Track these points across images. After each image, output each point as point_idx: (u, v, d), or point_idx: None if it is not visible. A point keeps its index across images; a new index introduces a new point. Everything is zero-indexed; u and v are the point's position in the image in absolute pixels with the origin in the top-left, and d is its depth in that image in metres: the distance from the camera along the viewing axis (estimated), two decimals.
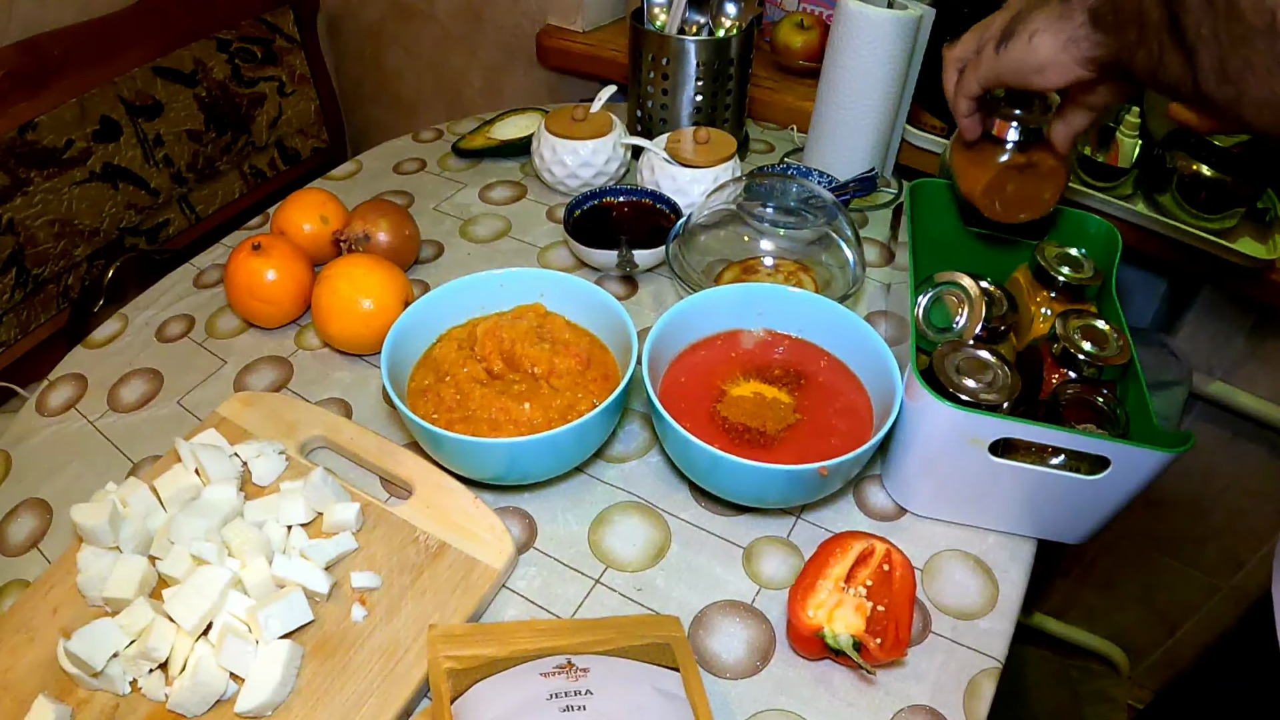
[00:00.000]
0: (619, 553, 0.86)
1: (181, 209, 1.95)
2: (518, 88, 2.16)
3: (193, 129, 1.91)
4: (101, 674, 0.69)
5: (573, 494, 0.91)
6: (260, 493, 0.86)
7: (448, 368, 0.91)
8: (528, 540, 0.87)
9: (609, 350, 0.95)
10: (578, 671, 0.68)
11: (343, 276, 1.02)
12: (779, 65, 1.69)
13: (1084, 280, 0.98)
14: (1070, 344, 0.89)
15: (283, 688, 0.70)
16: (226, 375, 1.05)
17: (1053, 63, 0.73)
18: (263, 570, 0.76)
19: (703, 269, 1.12)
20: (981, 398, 0.83)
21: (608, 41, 1.81)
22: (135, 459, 0.95)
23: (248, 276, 1.05)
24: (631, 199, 1.26)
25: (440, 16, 2.17)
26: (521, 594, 0.82)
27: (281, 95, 2.11)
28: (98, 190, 1.73)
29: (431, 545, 0.81)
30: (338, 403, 1.01)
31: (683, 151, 1.26)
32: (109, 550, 0.78)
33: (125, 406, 1.01)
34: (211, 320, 1.13)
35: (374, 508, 0.85)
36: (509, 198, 1.38)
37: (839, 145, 1.35)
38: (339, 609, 0.77)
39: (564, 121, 1.32)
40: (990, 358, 0.88)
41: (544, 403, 0.87)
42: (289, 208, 1.16)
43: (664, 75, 1.34)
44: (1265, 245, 1.27)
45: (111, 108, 1.73)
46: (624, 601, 0.82)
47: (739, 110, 1.43)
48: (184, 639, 0.72)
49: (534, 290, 0.99)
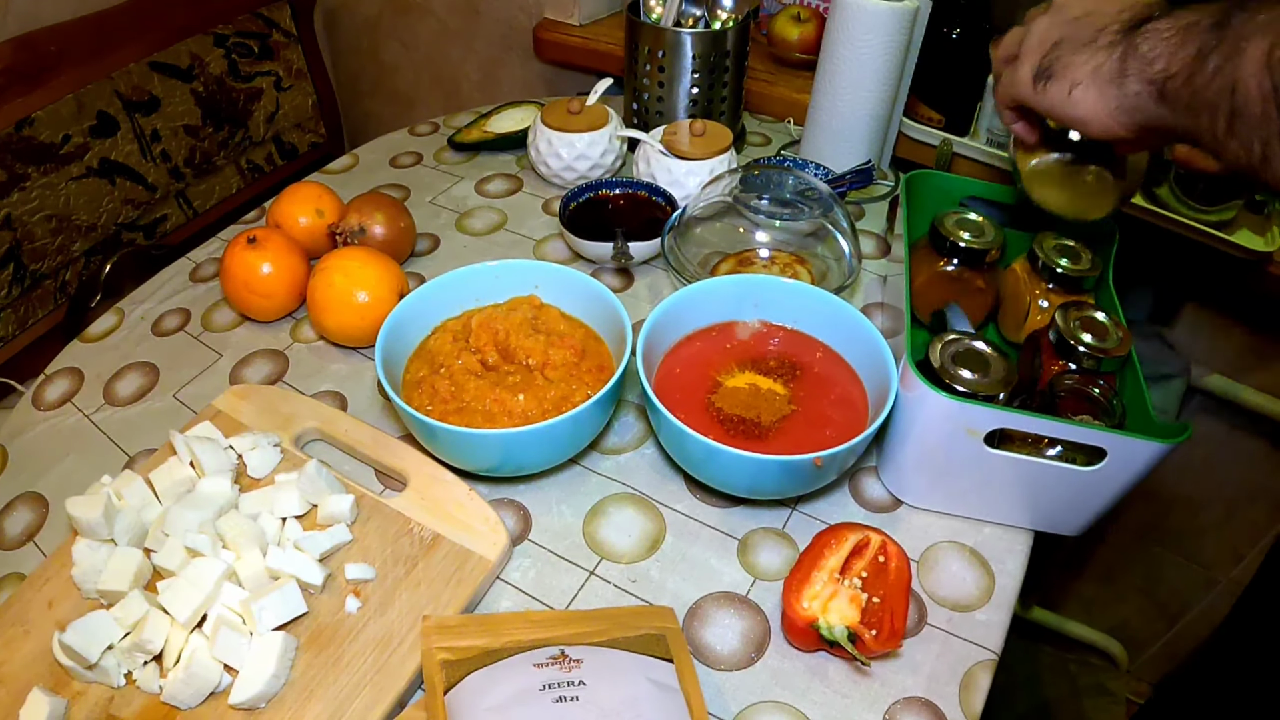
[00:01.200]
0: (614, 544, 0.86)
1: (179, 204, 1.95)
2: (514, 81, 2.16)
3: (190, 124, 1.91)
4: (96, 666, 0.69)
5: (567, 485, 0.91)
6: (255, 485, 0.85)
7: (443, 359, 0.91)
8: (522, 532, 0.87)
9: (604, 342, 0.95)
10: (571, 662, 0.68)
11: (338, 269, 1.02)
12: (775, 58, 1.69)
13: (1082, 272, 0.97)
14: (1070, 335, 0.89)
15: (276, 679, 0.70)
16: (222, 369, 1.05)
17: (1095, 120, 0.70)
18: (257, 562, 0.76)
19: (698, 261, 1.12)
20: (977, 388, 0.83)
21: (604, 34, 1.80)
22: (131, 452, 0.95)
23: (243, 270, 1.05)
24: (627, 191, 1.26)
25: (437, 10, 2.17)
26: (516, 585, 0.82)
27: (278, 90, 2.11)
28: (95, 186, 1.73)
29: (426, 537, 0.81)
30: (333, 395, 1.01)
31: (678, 144, 1.25)
32: (104, 543, 0.78)
33: (121, 400, 1.01)
34: (207, 314, 1.13)
35: (368, 500, 0.85)
36: (505, 191, 1.38)
37: (835, 137, 1.35)
38: (333, 601, 0.76)
39: (560, 114, 1.32)
40: (986, 348, 0.88)
41: (539, 394, 0.87)
42: (284, 201, 1.16)
43: (660, 68, 1.34)
44: (1264, 237, 1.27)
45: (108, 103, 1.73)
46: (618, 593, 0.82)
47: (735, 103, 1.43)
48: (178, 631, 0.72)
49: (529, 282, 0.99)
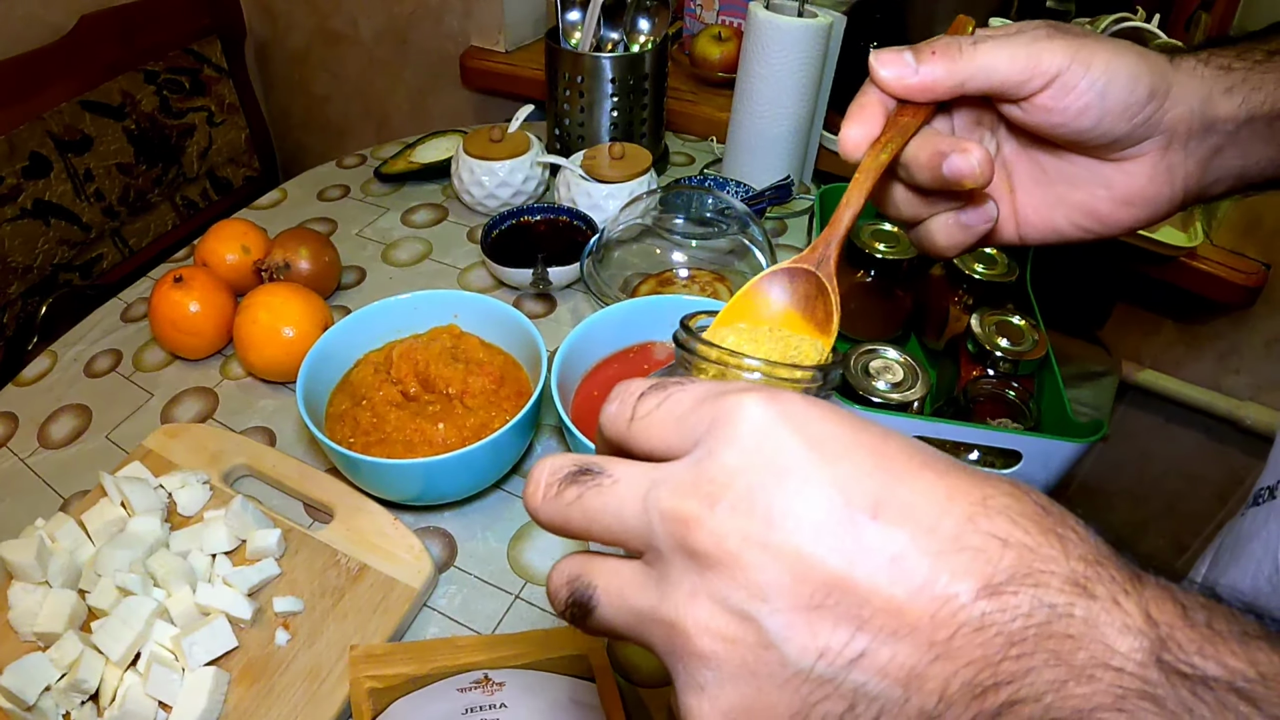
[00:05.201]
0: (538, 567, 0.88)
1: (114, 243, 1.95)
2: (444, 109, 2.18)
3: (123, 162, 1.91)
4: (35, 708, 0.71)
5: (491, 511, 0.94)
6: (185, 523, 0.87)
7: (364, 391, 0.93)
8: (448, 559, 0.89)
9: (523, 368, 0.98)
10: (494, 685, 0.70)
11: (262, 306, 1.04)
12: (698, 77, 1.73)
13: (998, 277, 1.00)
14: (986, 341, 0.90)
15: (209, 714, 0.71)
16: (154, 408, 1.06)
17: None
18: (187, 599, 0.77)
19: (619, 284, 1.15)
20: (891, 398, 0.86)
21: (530, 61, 1.83)
22: (65, 494, 0.96)
23: (170, 309, 1.06)
24: (549, 217, 1.28)
25: (365, 40, 2.19)
26: (442, 612, 0.84)
27: (211, 125, 2.11)
28: (29, 227, 1.73)
29: (352, 568, 0.83)
30: (262, 430, 1.03)
31: (598, 168, 1.28)
32: (39, 585, 0.79)
33: (55, 443, 1.02)
34: (139, 354, 1.14)
35: (296, 533, 0.87)
36: (430, 220, 1.40)
37: (756, 154, 1.38)
38: (263, 634, 0.78)
39: (481, 142, 1.34)
40: (899, 358, 0.90)
41: (458, 422, 0.89)
42: (211, 239, 1.18)
43: (580, 93, 1.37)
44: (1186, 233, 1.32)
45: (40, 143, 1.73)
46: (543, 616, 0.84)
47: (656, 124, 1.46)
48: (113, 670, 0.73)
49: (448, 312, 1.01)
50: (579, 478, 0.36)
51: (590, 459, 0.37)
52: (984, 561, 0.30)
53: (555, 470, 0.37)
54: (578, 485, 0.36)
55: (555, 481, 0.37)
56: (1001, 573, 0.30)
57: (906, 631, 0.30)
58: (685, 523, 0.33)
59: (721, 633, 0.32)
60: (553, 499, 0.37)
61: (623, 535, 0.35)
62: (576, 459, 0.37)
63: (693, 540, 0.32)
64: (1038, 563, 0.31)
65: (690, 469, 0.34)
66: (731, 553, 0.32)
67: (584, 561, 0.38)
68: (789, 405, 0.34)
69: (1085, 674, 0.30)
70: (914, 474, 0.33)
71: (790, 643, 0.31)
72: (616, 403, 0.38)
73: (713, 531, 0.32)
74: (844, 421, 0.35)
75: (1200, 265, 1.39)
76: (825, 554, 0.31)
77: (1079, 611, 0.30)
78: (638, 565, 0.36)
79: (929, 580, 0.30)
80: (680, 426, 0.36)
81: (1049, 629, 0.30)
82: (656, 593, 0.34)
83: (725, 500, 0.32)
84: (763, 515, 0.32)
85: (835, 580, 0.31)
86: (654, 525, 0.34)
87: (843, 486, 0.32)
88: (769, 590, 0.31)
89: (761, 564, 0.31)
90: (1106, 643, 0.30)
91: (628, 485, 0.35)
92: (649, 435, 0.37)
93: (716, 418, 0.34)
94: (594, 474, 0.36)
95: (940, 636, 0.30)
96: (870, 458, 0.33)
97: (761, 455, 0.33)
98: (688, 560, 0.33)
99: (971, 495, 0.32)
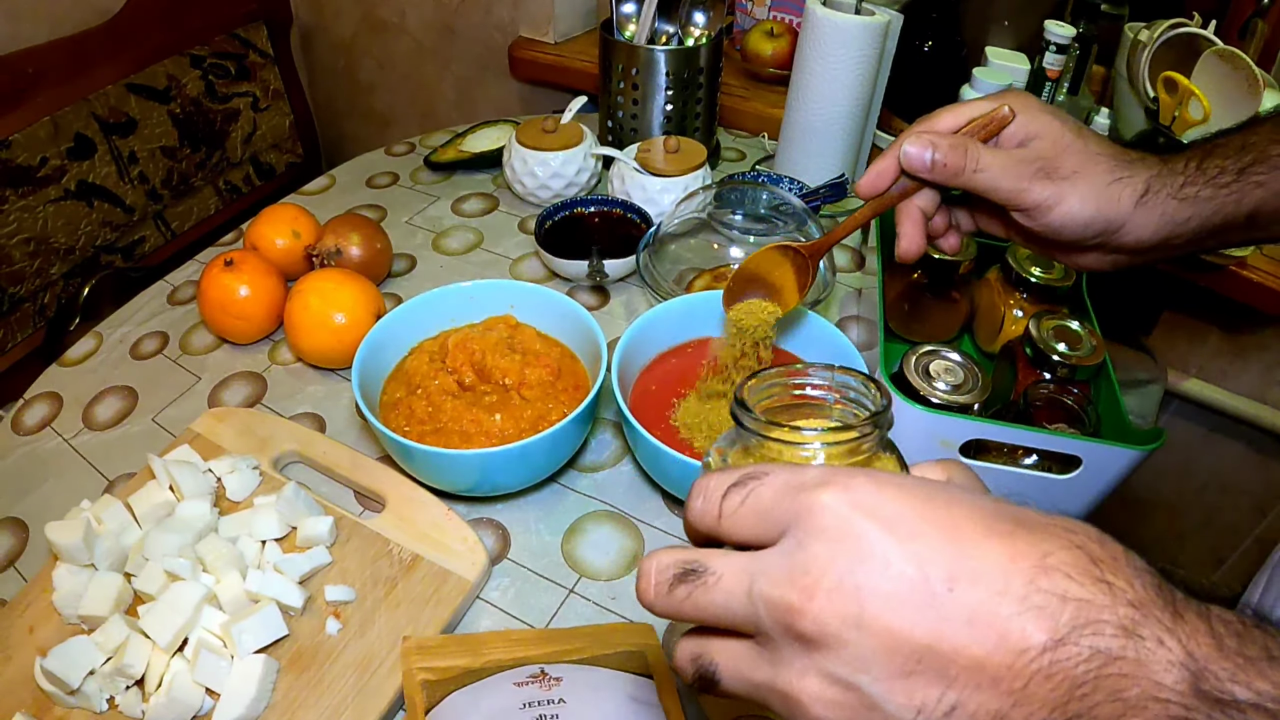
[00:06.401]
0: (592, 562, 0.86)
1: (157, 226, 1.96)
2: (490, 99, 2.17)
3: (167, 145, 1.91)
4: (78, 692, 0.70)
5: (545, 504, 0.92)
6: (234, 508, 0.86)
7: (419, 380, 0.92)
8: (501, 551, 0.87)
9: (580, 360, 0.96)
10: (550, 681, 0.69)
11: (314, 291, 1.02)
12: (749, 73, 1.71)
13: (1055, 281, 0.99)
14: (1044, 345, 0.90)
15: (258, 702, 0.70)
16: (201, 391, 1.05)
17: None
18: (237, 585, 0.76)
19: (674, 278, 1.13)
20: (951, 400, 0.84)
21: (579, 52, 1.82)
22: (110, 476, 0.95)
23: (220, 293, 1.05)
24: (602, 209, 1.26)
25: (412, 29, 2.18)
26: (495, 605, 0.83)
27: (256, 110, 2.11)
28: (73, 208, 1.73)
29: (405, 558, 0.82)
30: (311, 417, 1.01)
31: (653, 161, 1.26)
32: (84, 568, 0.78)
33: (100, 424, 1.01)
34: (186, 337, 1.13)
35: (347, 521, 0.85)
36: (481, 210, 1.38)
37: (809, 151, 1.36)
38: (313, 623, 0.77)
39: (534, 133, 1.33)
40: (960, 360, 0.89)
41: (515, 413, 0.87)
42: (261, 223, 1.17)
43: (634, 85, 1.35)
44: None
45: (85, 125, 1.73)
46: (598, 610, 0.82)
47: (709, 118, 1.44)
48: (159, 655, 0.72)
49: (504, 302, 1.00)
50: (686, 577, 0.41)
51: (691, 557, 0.42)
52: (1048, 617, 0.35)
53: (662, 569, 0.42)
54: (687, 584, 0.41)
55: (664, 581, 0.42)
56: (1063, 626, 0.35)
57: (989, 684, 0.35)
58: (789, 612, 0.38)
59: (833, 701, 0.38)
60: (665, 596, 0.42)
61: (733, 623, 0.41)
62: (679, 557, 0.42)
63: (799, 627, 0.37)
64: (1092, 613, 0.35)
65: (784, 560, 0.39)
66: (833, 635, 0.37)
67: (703, 642, 0.43)
68: (860, 494, 0.39)
69: (1138, 707, 0.35)
70: (979, 542, 0.37)
71: (891, 703, 0.36)
72: (700, 499, 0.43)
73: (815, 619, 0.37)
74: (912, 498, 0.39)
75: (1250, 275, 1.37)
76: (911, 627, 0.36)
77: (1129, 653, 0.35)
78: (750, 644, 0.41)
79: (1003, 638, 0.35)
80: (765, 521, 0.40)
81: (1105, 670, 0.35)
82: (770, 669, 0.39)
83: (821, 589, 0.37)
84: (854, 599, 0.36)
85: (923, 649, 0.36)
86: (760, 614, 0.39)
87: (919, 564, 0.37)
88: (868, 663, 0.36)
89: (859, 641, 0.36)
90: (1154, 678, 0.35)
91: (731, 579, 0.40)
92: (739, 530, 0.42)
93: (798, 512, 0.39)
94: (698, 573, 0.41)
95: (1018, 685, 0.35)
96: (939, 532, 0.37)
97: (845, 545, 0.37)
98: (795, 643, 0.38)
99: (1031, 556, 0.36)
